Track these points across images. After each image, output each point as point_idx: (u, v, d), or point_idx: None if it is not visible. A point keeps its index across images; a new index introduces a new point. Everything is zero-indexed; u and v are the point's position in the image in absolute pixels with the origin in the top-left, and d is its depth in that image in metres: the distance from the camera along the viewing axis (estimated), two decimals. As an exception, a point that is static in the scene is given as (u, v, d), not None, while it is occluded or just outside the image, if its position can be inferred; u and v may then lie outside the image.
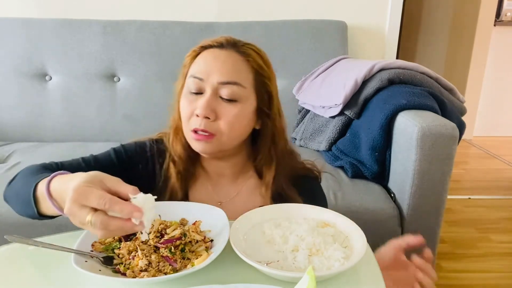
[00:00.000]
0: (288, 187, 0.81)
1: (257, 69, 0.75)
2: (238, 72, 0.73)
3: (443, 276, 1.68)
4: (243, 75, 0.74)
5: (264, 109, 0.77)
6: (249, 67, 0.75)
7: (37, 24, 1.88)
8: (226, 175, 0.83)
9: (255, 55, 0.76)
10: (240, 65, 0.74)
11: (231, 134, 0.74)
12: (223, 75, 0.72)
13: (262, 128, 0.79)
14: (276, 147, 0.80)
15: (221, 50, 0.75)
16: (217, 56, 0.74)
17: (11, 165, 1.50)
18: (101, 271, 0.55)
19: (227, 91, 0.72)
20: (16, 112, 1.87)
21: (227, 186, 0.83)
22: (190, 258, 0.58)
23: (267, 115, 0.78)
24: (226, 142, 0.75)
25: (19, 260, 0.62)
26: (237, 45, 0.76)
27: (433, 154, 1.23)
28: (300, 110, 1.88)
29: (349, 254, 0.58)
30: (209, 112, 0.71)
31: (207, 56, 0.75)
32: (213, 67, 0.73)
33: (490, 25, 3.58)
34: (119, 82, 1.91)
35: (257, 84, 0.76)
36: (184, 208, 0.70)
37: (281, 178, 0.81)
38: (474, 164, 3.19)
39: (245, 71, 0.74)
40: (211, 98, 0.71)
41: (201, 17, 2.02)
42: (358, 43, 2.16)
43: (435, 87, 1.51)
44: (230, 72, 0.72)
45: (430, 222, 1.33)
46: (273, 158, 0.80)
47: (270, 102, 0.78)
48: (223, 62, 0.73)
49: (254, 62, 0.75)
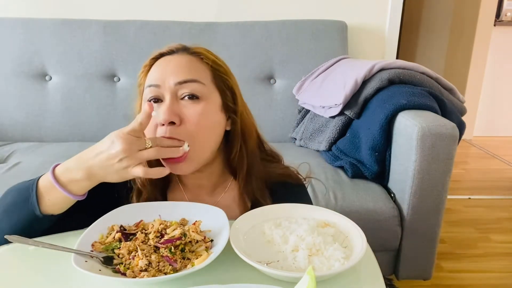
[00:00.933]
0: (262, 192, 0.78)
1: (212, 65, 0.73)
2: (194, 70, 0.71)
3: (443, 276, 1.68)
4: (200, 72, 0.71)
5: (230, 104, 0.74)
6: (203, 64, 0.72)
7: (37, 24, 1.88)
8: (204, 186, 0.79)
9: (207, 53, 0.74)
10: (194, 64, 0.72)
11: (201, 136, 0.69)
12: (178, 75, 0.69)
13: (232, 127, 0.76)
14: (247, 146, 0.77)
15: (172, 56, 0.73)
16: (170, 60, 0.72)
17: (11, 165, 1.50)
18: (101, 271, 0.55)
19: (187, 89, 0.68)
20: (16, 112, 1.87)
21: (206, 198, 0.79)
22: (190, 258, 0.58)
23: (233, 111, 0.75)
24: (202, 148, 0.70)
25: (19, 260, 0.62)
26: (187, 48, 0.74)
27: (433, 154, 1.23)
28: (300, 110, 1.89)
29: (349, 254, 0.58)
30: (172, 116, 0.66)
31: (160, 64, 0.72)
32: (167, 71, 0.70)
33: (490, 25, 3.58)
34: (119, 82, 1.92)
35: (216, 80, 0.73)
36: (184, 208, 0.70)
37: (254, 180, 0.78)
38: (474, 164, 3.19)
39: (200, 68, 0.72)
40: (171, 102, 0.67)
41: (201, 17, 2.02)
42: (358, 43, 2.16)
43: (435, 87, 1.51)
44: (185, 71, 0.70)
45: (430, 222, 1.33)
46: (244, 157, 0.77)
47: (234, 97, 0.75)
48: (176, 65, 0.71)
49: (207, 59, 0.73)
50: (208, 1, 2.08)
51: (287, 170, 0.84)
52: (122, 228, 0.64)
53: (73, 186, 0.63)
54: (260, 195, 0.78)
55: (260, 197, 0.78)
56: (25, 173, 1.44)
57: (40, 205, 0.64)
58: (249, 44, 1.92)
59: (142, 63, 0.75)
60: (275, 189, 0.80)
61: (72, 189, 0.63)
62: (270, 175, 0.81)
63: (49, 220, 0.66)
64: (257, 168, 0.79)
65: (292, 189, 0.83)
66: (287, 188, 0.82)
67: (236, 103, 0.75)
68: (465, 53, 3.69)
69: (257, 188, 0.78)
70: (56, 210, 0.66)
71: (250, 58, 1.92)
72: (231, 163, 0.78)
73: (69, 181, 0.63)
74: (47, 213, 0.65)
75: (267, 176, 0.80)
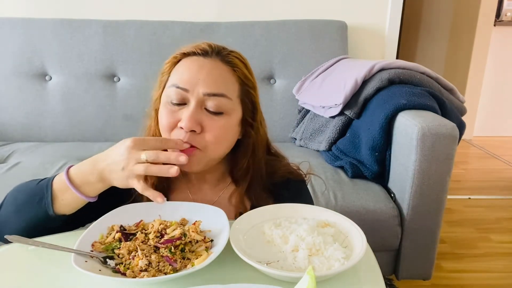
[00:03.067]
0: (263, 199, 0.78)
1: (242, 79, 0.72)
2: (225, 83, 0.70)
3: (443, 276, 1.68)
4: (230, 87, 0.70)
5: (248, 119, 0.75)
6: (234, 78, 0.71)
7: (37, 24, 1.88)
8: (207, 181, 0.81)
9: (241, 65, 0.73)
10: (226, 76, 0.70)
11: (216, 147, 0.71)
12: (209, 87, 0.68)
13: (244, 138, 0.76)
14: (254, 157, 0.77)
15: (205, 59, 0.70)
16: (202, 65, 0.69)
17: (11, 165, 1.50)
18: (101, 271, 0.55)
19: (214, 103, 0.68)
20: (16, 112, 1.87)
21: (207, 192, 0.81)
22: (190, 258, 0.58)
23: (250, 125, 0.75)
24: (211, 156, 0.71)
25: (19, 260, 0.62)
26: (222, 54, 0.72)
27: (433, 154, 1.23)
28: (300, 110, 1.89)
29: (349, 254, 0.58)
30: (194, 125, 0.67)
31: (191, 65, 0.70)
32: (198, 77, 0.68)
33: (490, 25, 3.58)
34: (119, 82, 1.92)
35: (243, 95, 0.73)
36: (184, 208, 0.70)
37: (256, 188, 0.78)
38: (474, 164, 3.19)
39: (231, 82, 0.71)
40: (196, 110, 0.67)
41: (201, 17, 2.02)
42: (358, 43, 2.16)
43: (435, 87, 1.51)
44: (216, 83, 0.68)
45: (430, 222, 1.33)
46: (250, 168, 0.77)
47: (254, 112, 0.75)
48: (208, 72, 0.69)
49: (240, 72, 0.71)
50: (208, 1, 2.08)
51: (289, 167, 0.85)
52: (122, 228, 0.64)
53: (86, 187, 0.64)
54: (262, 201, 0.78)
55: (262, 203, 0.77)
56: (25, 173, 1.44)
57: (54, 205, 0.65)
58: (249, 44, 1.92)
59: (142, 63, 0.75)
60: (278, 189, 0.81)
61: (85, 191, 0.65)
62: (273, 175, 0.82)
63: (60, 220, 0.67)
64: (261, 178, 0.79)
65: (293, 185, 0.84)
66: (288, 184, 0.83)
67: (255, 118, 0.76)
68: (465, 53, 3.69)
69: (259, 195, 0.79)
70: (68, 210, 0.67)
71: (250, 58, 1.87)
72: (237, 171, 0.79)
73: (82, 183, 0.64)
74: (59, 213, 0.66)
75: (270, 177, 0.81)
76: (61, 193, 0.65)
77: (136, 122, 1.86)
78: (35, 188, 0.68)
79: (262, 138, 0.79)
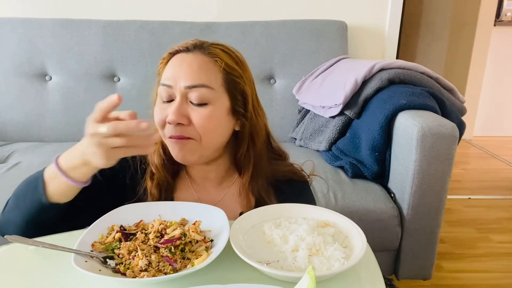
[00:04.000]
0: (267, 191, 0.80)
1: (225, 69, 0.73)
2: (205, 74, 0.71)
3: (443, 276, 1.68)
4: (211, 76, 0.72)
5: (239, 109, 0.75)
6: (216, 68, 0.72)
7: (37, 24, 1.88)
8: (211, 179, 0.82)
9: (223, 55, 0.74)
10: (207, 66, 0.72)
11: (208, 136, 0.72)
12: (188, 79, 0.70)
13: (240, 129, 0.78)
14: (254, 146, 0.79)
15: (187, 54, 0.73)
16: (183, 60, 0.72)
17: (11, 165, 1.50)
18: (101, 271, 0.55)
19: (195, 94, 0.70)
20: (16, 112, 1.87)
21: (212, 190, 0.82)
22: (190, 258, 0.58)
23: (243, 115, 0.76)
24: (205, 146, 0.73)
25: (19, 260, 0.62)
26: (203, 47, 0.74)
27: (433, 154, 1.23)
28: (300, 110, 1.89)
29: (349, 254, 0.58)
30: (180, 117, 0.70)
31: (175, 62, 0.73)
32: (179, 72, 0.71)
33: (490, 25, 3.58)
34: (119, 82, 1.91)
35: (228, 84, 0.73)
36: (184, 208, 0.70)
37: (261, 179, 0.80)
38: (474, 164, 3.19)
39: (212, 71, 0.72)
40: (180, 104, 0.70)
41: (201, 17, 2.02)
42: (358, 43, 2.16)
43: (435, 87, 1.51)
44: (196, 75, 0.70)
45: (430, 222, 1.33)
46: (251, 157, 0.79)
47: (244, 102, 0.76)
48: (188, 66, 0.71)
49: (222, 61, 0.72)
50: (208, 1, 2.08)
51: (292, 168, 0.86)
52: (122, 228, 0.64)
53: (74, 172, 0.64)
54: (265, 193, 0.80)
55: (264, 195, 0.79)
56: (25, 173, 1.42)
57: (47, 193, 0.66)
58: (249, 44, 1.92)
59: (142, 63, 0.76)
60: (280, 186, 0.82)
61: (74, 176, 0.64)
62: (276, 172, 0.83)
63: (56, 209, 0.67)
64: (263, 167, 0.80)
65: (296, 186, 0.85)
66: (291, 185, 0.84)
67: (246, 107, 0.76)
68: (465, 53, 3.69)
69: (262, 187, 0.80)
70: (62, 198, 0.67)
71: (250, 58, 1.88)
72: (238, 161, 0.80)
73: (69, 168, 0.64)
74: (53, 201, 0.66)
75: (272, 173, 0.82)
76: (52, 180, 0.66)
77: (136, 122, 1.88)
78: (30, 179, 0.70)
79: (259, 128, 0.79)
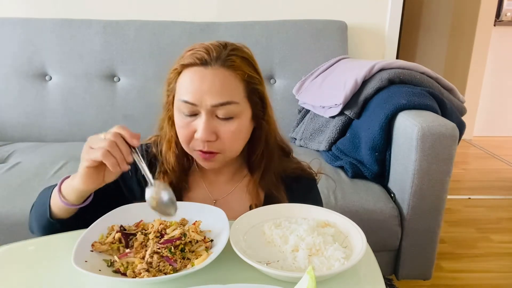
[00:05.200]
0: (277, 187, 0.81)
1: (246, 79, 0.72)
2: (229, 90, 0.70)
3: (443, 276, 1.68)
4: (235, 92, 0.71)
5: (259, 113, 0.77)
6: (238, 80, 0.71)
7: (37, 24, 1.88)
8: (223, 173, 0.83)
9: (243, 64, 0.72)
10: (229, 82, 0.70)
11: (233, 148, 0.75)
12: (215, 98, 0.69)
13: (257, 129, 0.79)
14: (268, 145, 0.80)
15: (206, 69, 0.69)
16: (203, 76, 0.69)
17: (11, 165, 1.50)
18: (101, 271, 0.55)
19: (223, 111, 0.70)
20: (16, 112, 1.87)
21: (223, 184, 0.84)
22: (190, 258, 0.58)
23: (262, 118, 0.78)
24: (230, 155, 0.76)
25: (19, 260, 0.62)
26: (221, 58, 0.70)
27: (433, 154, 1.23)
28: (300, 110, 1.88)
29: (349, 254, 0.58)
30: (209, 135, 0.70)
31: (193, 77, 0.70)
32: (202, 89, 0.69)
33: (490, 25, 3.58)
34: (119, 82, 1.91)
35: (249, 93, 0.73)
36: (184, 208, 0.70)
37: (271, 175, 0.81)
38: (474, 164, 3.19)
39: (235, 86, 0.71)
40: (208, 121, 0.70)
41: (201, 17, 2.02)
42: (358, 43, 2.15)
43: (435, 87, 1.51)
44: (221, 93, 0.69)
45: (430, 222, 1.33)
46: (264, 155, 0.80)
47: (263, 106, 0.77)
48: (211, 83, 0.69)
49: (242, 73, 0.71)
50: (208, 1, 2.08)
51: (300, 165, 0.87)
52: (122, 228, 0.64)
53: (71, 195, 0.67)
54: (275, 189, 0.81)
55: (274, 191, 0.81)
56: (25, 173, 1.44)
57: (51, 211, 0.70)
58: (249, 44, 1.89)
59: (142, 63, 0.75)
60: (289, 183, 0.83)
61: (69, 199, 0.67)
62: (285, 169, 0.84)
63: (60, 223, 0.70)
64: (274, 163, 0.82)
65: (304, 183, 0.86)
66: (299, 182, 0.85)
67: (265, 110, 0.78)
68: (465, 53, 3.69)
69: (272, 183, 0.81)
70: (63, 215, 0.70)
71: (250, 58, 1.91)
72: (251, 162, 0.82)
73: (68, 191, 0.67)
74: (56, 217, 0.70)
75: (282, 170, 0.83)
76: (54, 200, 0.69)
77: (136, 122, 1.88)
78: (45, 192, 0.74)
79: (274, 127, 0.81)
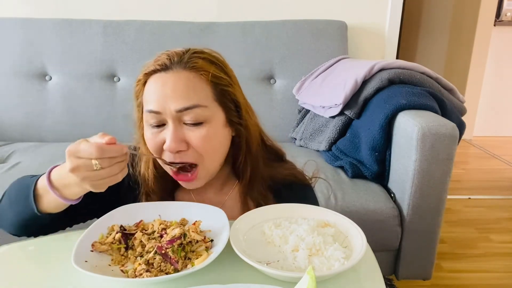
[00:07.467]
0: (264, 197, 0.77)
1: (213, 81, 0.67)
2: (194, 92, 0.65)
3: (443, 276, 1.68)
4: (201, 93, 0.66)
5: (234, 118, 0.71)
6: (203, 81, 0.66)
7: (37, 24, 1.88)
8: (212, 185, 0.78)
9: (206, 65, 0.67)
10: (193, 83, 0.66)
11: (209, 156, 0.69)
12: (179, 102, 0.64)
13: (236, 135, 0.74)
14: (250, 151, 0.75)
15: (167, 73, 0.66)
16: (165, 81, 0.65)
17: (11, 165, 1.50)
18: (101, 271, 0.55)
19: (189, 116, 0.65)
20: (16, 112, 1.87)
21: (213, 196, 0.79)
22: (191, 258, 0.58)
23: (238, 123, 0.72)
24: (211, 167, 0.71)
25: (19, 260, 0.62)
26: (183, 61, 0.66)
27: (433, 154, 1.23)
28: (300, 110, 1.89)
29: (349, 254, 0.58)
30: (178, 144, 0.66)
31: (155, 84, 0.66)
32: (165, 95, 0.65)
33: (490, 25, 3.58)
34: (119, 82, 1.91)
35: (219, 96, 0.68)
36: (184, 208, 0.70)
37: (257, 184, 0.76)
38: (474, 164, 3.19)
39: (200, 87, 0.66)
40: (175, 130, 0.65)
41: (201, 17, 2.02)
42: (358, 43, 2.16)
43: (435, 87, 1.51)
44: (185, 96, 0.65)
45: (430, 222, 1.33)
46: (248, 163, 0.75)
47: (237, 109, 0.72)
48: (173, 87, 0.65)
49: (206, 73, 0.66)
50: (208, 1, 2.08)
51: (293, 171, 0.82)
52: (122, 228, 0.64)
53: (66, 191, 0.62)
54: (263, 199, 0.77)
55: (262, 202, 0.76)
56: (25, 173, 1.42)
57: (38, 204, 0.64)
58: (249, 44, 1.92)
59: (142, 63, 0.73)
60: (281, 191, 0.79)
61: (65, 194, 0.62)
62: (275, 176, 0.79)
63: (49, 218, 0.66)
64: (260, 171, 0.77)
65: (298, 191, 0.81)
66: (292, 190, 0.80)
67: (241, 115, 0.72)
68: (465, 53, 3.69)
69: (259, 193, 0.77)
70: (53, 209, 0.66)
71: (250, 58, 1.92)
72: (236, 169, 0.78)
73: (62, 186, 0.61)
74: (45, 211, 0.65)
75: (271, 177, 0.79)
76: (44, 194, 0.64)
77: (136, 122, 1.88)
78: (24, 185, 0.67)
79: (254, 130, 0.75)
